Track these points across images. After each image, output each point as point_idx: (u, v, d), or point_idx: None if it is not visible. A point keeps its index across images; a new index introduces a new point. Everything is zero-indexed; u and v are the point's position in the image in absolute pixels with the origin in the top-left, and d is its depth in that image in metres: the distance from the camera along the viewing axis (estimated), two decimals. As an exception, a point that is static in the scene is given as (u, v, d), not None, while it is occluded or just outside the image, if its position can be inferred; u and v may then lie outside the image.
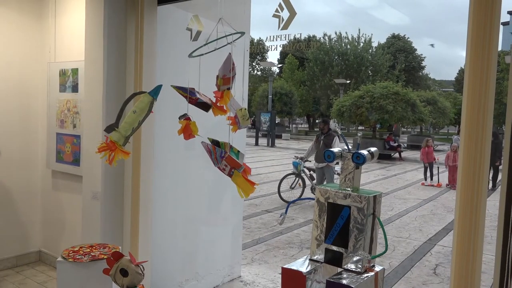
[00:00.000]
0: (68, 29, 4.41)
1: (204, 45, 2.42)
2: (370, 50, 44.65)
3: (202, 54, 2.47)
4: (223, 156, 2.22)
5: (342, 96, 30.36)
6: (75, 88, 4.32)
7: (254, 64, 53.71)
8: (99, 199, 3.71)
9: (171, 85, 2.48)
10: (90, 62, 3.79)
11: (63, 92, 4.44)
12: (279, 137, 34.93)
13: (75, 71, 4.30)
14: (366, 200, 2.32)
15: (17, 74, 4.65)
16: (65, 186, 4.60)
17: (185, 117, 2.41)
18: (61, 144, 4.52)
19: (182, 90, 2.42)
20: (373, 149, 2.60)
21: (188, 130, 2.39)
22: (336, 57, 44.62)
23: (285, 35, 3.48)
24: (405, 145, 28.79)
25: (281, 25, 3.37)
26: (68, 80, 4.37)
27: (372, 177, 14.89)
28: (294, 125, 54.03)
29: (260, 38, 51.96)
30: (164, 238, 3.99)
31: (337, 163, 9.22)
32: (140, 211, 3.59)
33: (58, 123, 4.52)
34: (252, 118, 36.37)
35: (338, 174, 9.65)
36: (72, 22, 4.36)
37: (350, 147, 2.66)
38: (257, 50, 42.61)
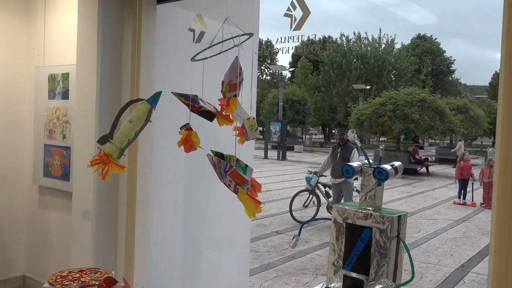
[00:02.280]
0: (58, 30, 4.47)
1: (208, 47, 2.44)
2: (393, 52, 44.68)
3: (206, 58, 2.49)
4: (227, 170, 2.22)
5: (361, 104, 30.33)
6: (65, 95, 4.37)
7: (263, 68, 53.98)
8: (90, 218, 3.72)
9: (172, 92, 2.50)
10: (82, 66, 3.84)
11: (52, 99, 4.49)
12: (291, 149, 34.90)
13: (65, 76, 4.35)
14: (389, 221, 2.31)
15: (1, 79, 4.71)
16: (53, 203, 4.62)
17: (186, 127, 2.42)
18: (49, 157, 4.56)
19: (183, 98, 2.44)
20: (397, 163, 2.59)
21: (189, 141, 2.40)
22: (354, 60, 44.70)
23: (298, 36, 3.50)
24: (433, 158, 28.59)
25: (294, 25, 3.39)
26: (58, 86, 4.43)
27: (396, 195, 14.79)
28: (307, 136, 54.00)
29: (268, 38, 52.39)
30: (163, 262, 3.99)
31: (356, 179, 9.17)
32: (136, 232, 3.60)
33: (46, 133, 4.56)
34: (261, 129, 36.41)
35: (357, 191, 9.59)
36: (63, 23, 4.42)
37: (371, 160, 2.65)
38: (266, 53, 42.90)
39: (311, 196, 10.07)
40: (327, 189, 10.18)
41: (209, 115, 2.45)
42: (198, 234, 4.29)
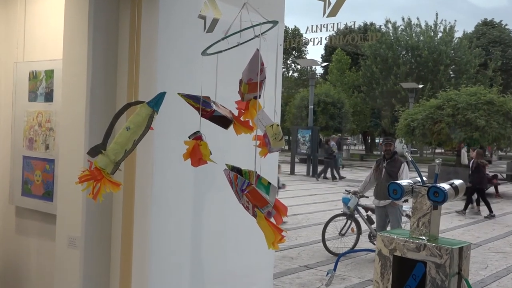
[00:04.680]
0: (41, 19, 4.54)
1: (223, 38, 2.47)
2: (452, 43, 44.27)
3: (220, 51, 2.51)
4: (244, 189, 2.22)
5: (412, 107, 30.06)
6: (49, 96, 4.43)
7: (289, 62, 54.07)
8: (78, 247, 3.76)
9: (178, 93, 2.53)
10: (69, 62, 3.90)
11: (33, 101, 4.56)
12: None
13: (49, 74, 4.42)
14: (448, 254, 2.28)
15: (-26, 78, 4.80)
16: (32, 228, 4.67)
17: (195, 135, 2.44)
18: (28, 172, 4.62)
19: (192, 100, 2.47)
20: (457, 181, 2.57)
21: (197, 153, 2.41)
22: (403, 52, 44.43)
23: (333, 23, 3.52)
24: (504, 175, 28.10)
25: (328, 11, 3.41)
26: (41, 86, 4.49)
27: (456, 221, 14.58)
28: (344, 147, 53.70)
29: (296, 27, 52.45)
30: (165, 302, 4.00)
31: (406, 201, 9.06)
32: (133, 264, 3.62)
33: (26, 142, 4.63)
34: (287, 137, 36.36)
35: (407, 216, 9.47)
36: (47, 10, 4.49)
37: (424, 178, 2.63)
38: (294, 44, 42.97)
39: (349, 221, 9.98)
40: (369, 213, 10.08)
41: (224, 122, 2.47)
42: (209, 267, 4.30)
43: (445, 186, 2.48)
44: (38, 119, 4.52)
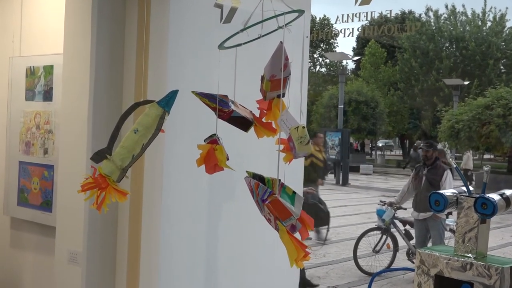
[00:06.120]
0: (40, 9, 4.60)
1: (242, 30, 2.48)
2: (503, 33, 43.75)
3: (239, 45, 2.52)
4: (265, 199, 2.21)
5: (456, 106, 29.82)
6: (48, 95, 4.47)
7: (316, 56, 53.98)
8: (79, 263, 3.78)
9: (192, 91, 2.55)
10: (71, 57, 3.93)
11: (30, 100, 4.61)
12: (355, 170, 34.59)
13: (48, 70, 4.46)
14: (498, 274, 2.26)
15: (-35, 75, 4.87)
16: (29, 241, 4.71)
17: (211, 139, 2.45)
18: (25, 179, 4.66)
19: (208, 99, 2.48)
20: (508, 191, 2.55)
21: (212, 159, 2.41)
22: (447, 45, 44.05)
23: (366, 12, 3.52)
24: None
25: (360, -2, 3.40)
26: (39, 83, 4.54)
27: (508, 237, 14.41)
28: (379, 152, 53.45)
29: (325, 16, 52.32)
30: (176, 326, 4.01)
31: (450, 214, 8.99)
32: (141, 282, 3.63)
33: (22, 146, 4.67)
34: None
35: (451, 230, 9.38)
36: (45, 0, 4.57)
37: (471, 188, 2.61)
38: (322, 36, 42.86)
39: (384, 236, 9.93)
40: (407, 227, 10.02)
41: (243, 123, 2.47)
42: (225, 287, 4.30)
43: (494, 196, 2.46)
44: (36, 120, 4.56)
